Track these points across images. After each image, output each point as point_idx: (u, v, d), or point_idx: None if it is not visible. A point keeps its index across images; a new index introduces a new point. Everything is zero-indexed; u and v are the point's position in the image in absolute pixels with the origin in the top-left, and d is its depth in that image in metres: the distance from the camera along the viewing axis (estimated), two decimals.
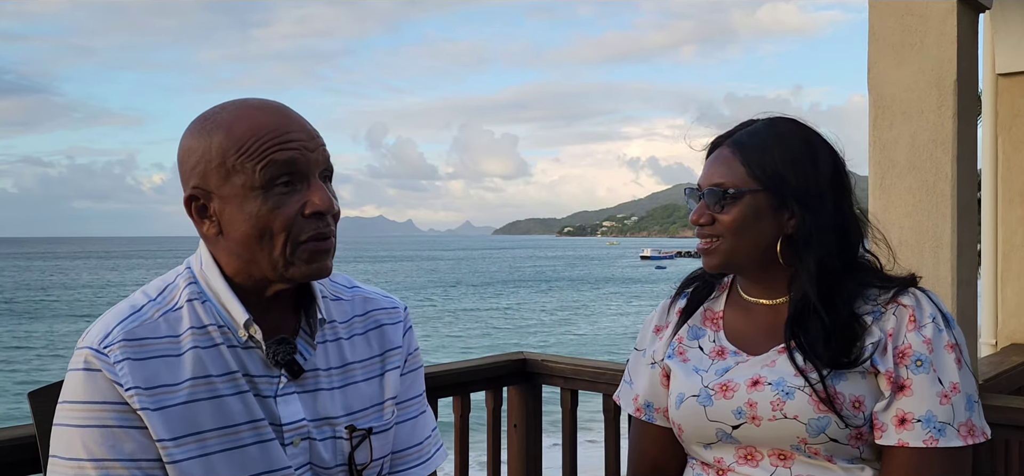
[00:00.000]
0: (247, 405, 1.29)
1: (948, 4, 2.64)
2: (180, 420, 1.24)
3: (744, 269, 1.61)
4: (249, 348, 1.31)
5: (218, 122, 1.29)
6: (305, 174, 1.28)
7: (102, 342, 1.24)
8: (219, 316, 1.31)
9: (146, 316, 1.28)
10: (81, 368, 1.24)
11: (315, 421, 1.34)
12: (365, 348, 1.45)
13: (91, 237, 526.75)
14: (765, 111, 1.62)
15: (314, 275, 1.31)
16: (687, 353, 1.64)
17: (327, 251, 1.31)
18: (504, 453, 3.10)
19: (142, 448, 1.22)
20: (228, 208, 1.28)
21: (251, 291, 1.32)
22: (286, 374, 1.33)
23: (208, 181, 1.28)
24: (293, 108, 1.34)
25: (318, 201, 1.28)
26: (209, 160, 1.28)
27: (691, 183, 1.62)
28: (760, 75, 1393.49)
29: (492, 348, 29.27)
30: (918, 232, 2.67)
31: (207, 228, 1.31)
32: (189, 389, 1.25)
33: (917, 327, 1.46)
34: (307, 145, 1.29)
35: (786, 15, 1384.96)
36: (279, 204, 1.26)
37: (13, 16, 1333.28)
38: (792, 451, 1.49)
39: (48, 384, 1.48)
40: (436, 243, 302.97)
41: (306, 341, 1.37)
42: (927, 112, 2.67)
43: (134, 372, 1.23)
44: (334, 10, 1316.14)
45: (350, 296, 1.48)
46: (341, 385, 1.39)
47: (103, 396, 1.22)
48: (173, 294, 1.32)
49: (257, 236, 1.26)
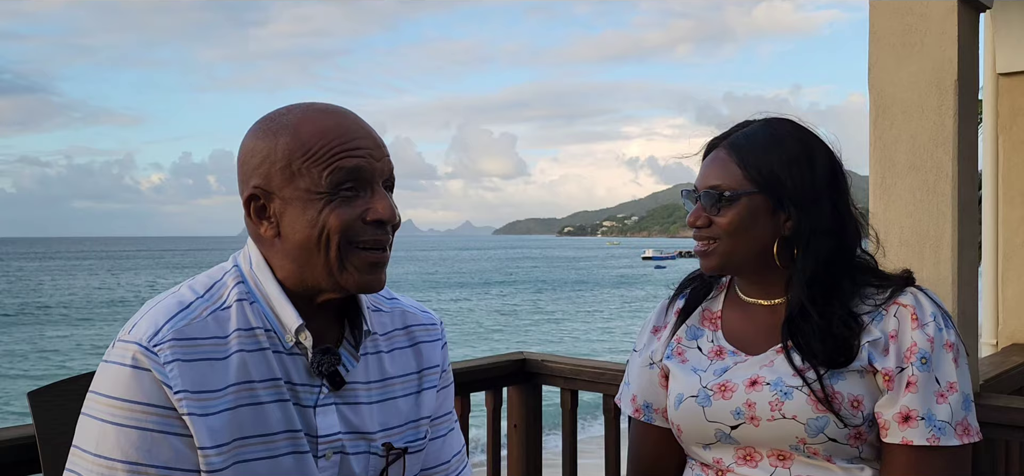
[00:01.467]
0: (286, 414, 1.25)
1: (948, 4, 2.64)
2: (223, 427, 1.20)
3: (741, 270, 1.61)
4: (294, 355, 1.28)
5: (284, 124, 1.28)
6: (369, 182, 1.27)
7: (152, 340, 1.19)
8: (267, 320, 1.27)
9: (195, 314, 1.24)
10: (128, 364, 1.19)
11: (350, 435, 1.31)
12: (404, 364, 1.43)
13: (90, 237, 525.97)
14: (762, 111, 1.62)
15: (367, 287, 1.28)
16: (685, 353, 1.64)
17: (382, 263, 1.29)
18: (504, 453, 3.10)
19: (178, 457, 1.18)
20: (289, 210, 1.25)
21: (301, 297, 1.29)
22: (327, 385, 1.30)
23: (271, 182, 1.26)
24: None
25: (381, 209, 1.26)
26: (273, 161, 1.26)
27: (691, 183, 1.62)
28: (759, 74, 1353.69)
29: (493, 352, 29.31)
30: (918, 232, 2.66)
31: (265, 229, 1.28)
32: (233, 395, 1.22)
33: (920, 325, 1.46)
34: (373, 153, 1.27)
35: (783, 14, 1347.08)
36: (341, 207, 1.24)
37: (11, 15, 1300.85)
38: (791, 451, 1.49)
39: (48, 384, 1.49)
40: (437, 243, 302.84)
41: (350, 352, 1.34)
42: (927, 112, 2.66)
43: (184, 375, 1.19)
44: (332, 9, 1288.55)
45: (390, 308, 1.46)
46: (380, 400, 1.37)
47: (147, 397, 1.18)
48: (222, 292, 1.29)
49: (316, 239, 1.24)
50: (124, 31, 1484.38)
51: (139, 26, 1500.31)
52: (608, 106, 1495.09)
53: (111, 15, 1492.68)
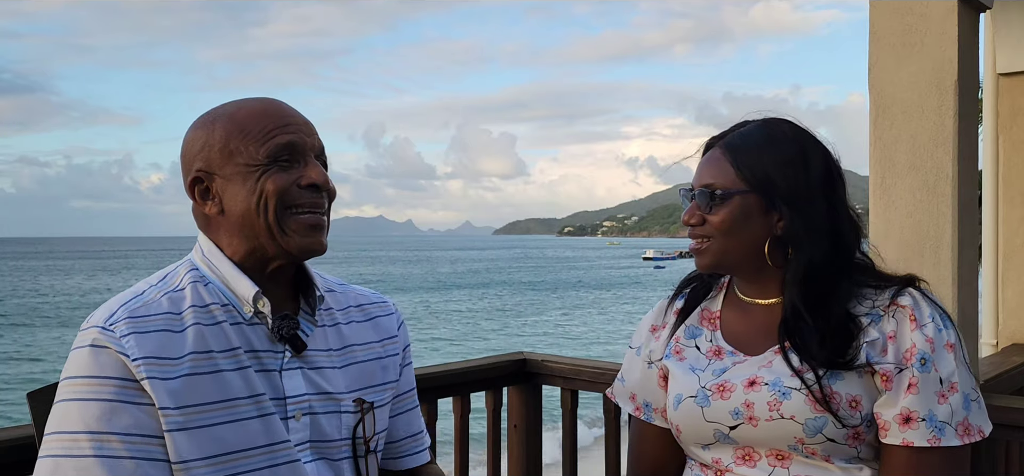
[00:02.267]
0: (247, 380, 1.32)
1: (948, 4, 2.64)
2: (183, 392, 1.27)
3: (736, 269, 1.61)
4: (254, 324, 1.36)
5: (219, 113, 1.39)
6: (303, 154, 1.37)
7: (107, 320, 1.28)
8: (222, 295, 1.36)
9: (148, 297, 1.33)
10: (86, 345, 1.27)
11: (318, 396, 1.39)
12: (364, 333, 1.52)
13: (89, 237, 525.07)
14: (760, 111, 1.63)
15: (308, 249, 1.37)
16: (684, 353, 1.64)
17: (321, 226, 1.38)
18: (504, 453, 3.10)
19: (138, 423, 1.24)
20: (230, 187, 1.35)
21: (252, 270, 1.37)
22: (290, 349, 1.37)
23: (211, 164, 1.36)
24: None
25: (314, 175, 1.36)
26: (212, 146, 1.36)
27: (689, 184, 1.63)
28: (758, 74, 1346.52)
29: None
30: (918, 232, 2.66)
31: (209, 208, 1.37)
32: (190, 363, 1.29)
33: (918, 326, 1.46)
34: (304, 130, 1.39)
35: (781, 14, 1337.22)
36: (277, 174, 1.34)
37: (9, 15, 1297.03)
38: (790, 451, 1.49)
39: (48, 384, 1.49)
40: (437, 244, 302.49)
41: (307, 319, 1.43)
42: (928, 112, 2.66)
43: (141, 344, 1.26)
44: (332, 9, 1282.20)
45: (342, 290, 1.56)
46: (342, 365, 1.45)
47: (105, 371, 1.25)
48: (174, 279, 1.38)
49: (255, 206, 1.33)
50: (123, 31, 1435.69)
51: (138, 26, 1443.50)
52: (608, 106, 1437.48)
53: (110, 15, 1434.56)
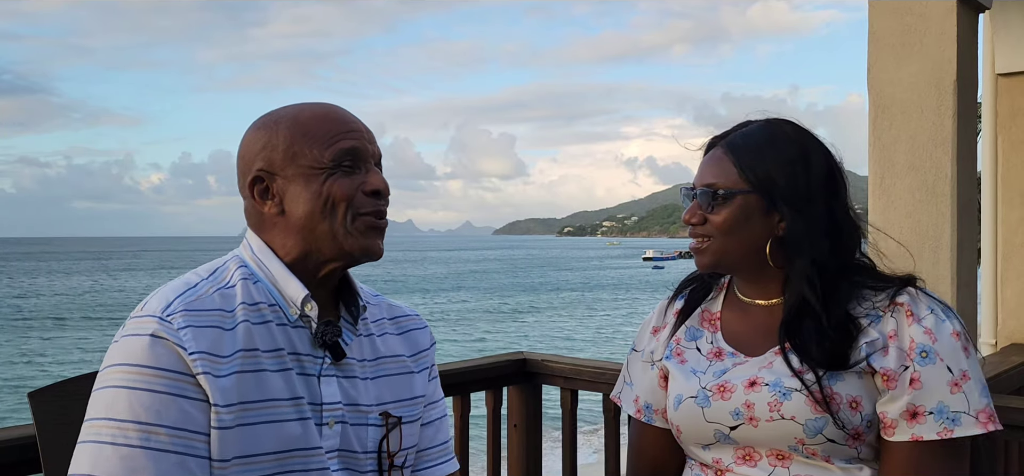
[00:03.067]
0: (289, 383, 1.33)
1: (948, 4, 2.64)
2: (232, 388, 1.28)
3: (736, 269, 1.61)
4: (298, 327, 1.37)
5: (283, 116, 1.41)
6: (365, 160, 1.40)
7: (165, 311, 1.28)
8: (271, 295, 1.37)
9: (201, 291, 1.33)
10: (145, 334, 1.26)
11: (349, 407, 1.40)
12: (396, 346, 1.53)
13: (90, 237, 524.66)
14: (762, 112, 1.63)
15: (369, 251, 1.39)
16: (685, 354, 1.64)
17: (381, 229, 1.41)
18: (504, 453, 3.10)
19: (187, 418, 1.24)
20: (292, 187, 1.37)
21: (304, 272, 1.39)
22: (330, 356, 1.38)
23: (273, 164, 1.38)
24: None
25: (377, 182, 1.39)
26: (275, 146, 1.38)
27: (690, 183, 1.63)
28: (757, 75, 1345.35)
29: None
30: (918, 232, 2.67)
31: (268, 208, 1.39)
32: (240, 360, 1.30)
33: (916, 320, 1.47)
34: (367, 137, 1.42)
35: (779, 14, 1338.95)
36: (342, 179, 1.36)
37: (10, 16, 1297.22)
38: (790, 452, 1.49)
39: (48, 384, 1.49)
40: (438, 243, 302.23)
41: (348, 328, 1.45)
42: (927, 112, 2.67)
43: (197, 338, 1.27)
44: (331, 9, 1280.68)
45: (376, 302, 1.57)
46: (374, 376, 1.46)
47: (161, 363, 1.24)
48: (225, 274, 1.38)
49: (321, 208, 1.35)
50: (123, 32, 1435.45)
51: (138, 27, 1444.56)
52: (607, 106, 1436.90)
53: (110, 15, 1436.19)
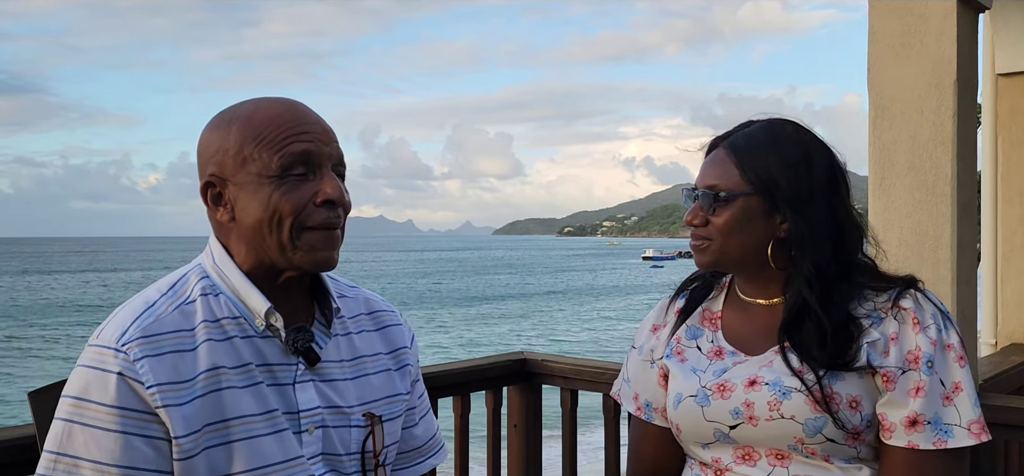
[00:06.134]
0: (259, 397, 1.29)
1: (948, 4, 2.64)
2: (195, 414, 1.23)
3: (737, 269, 1.61)
4: (267, 338, 1.33)
5: (236, 115, 1.34)
6: (319, 165, 1.32)
7: (120, 340, 1.23)
8: (234, 308, 1.32)
9: (160, 311, 1.28)
10: (97, 367, 1.22)
11: (329, 409, 1.36)
12: (374, 343, 1.49)
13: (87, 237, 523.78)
14: (764, 112, 1.63)
15: (319, 264, 1.33)
16: (685, 353, 1.64)
17: (333, 242, 1.34)
18: (504, 453, 3.10)
19: (144, 458, 1.21)
20: (242, 195, 1.31)
21: (264, 280, 1.34)
22: (303, 362, 1.35)
23: (225, 169, 1.32)
24: None
25: (330, 190, 1.31)
26: (226, 150, 1.32)
27: (689, 183, 1.63)
28: (754, 75, 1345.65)
29: None
30: (918, 232, 2.67)
31: (221, 215, 1.34)
32: (203, 382, 1.25)
33: (922, 329, 1.47)
34: (322, 138, 1.33)
35: (777, 14, 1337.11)
36: (292, 191, 1.30)
37: (5, 15, 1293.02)
38: (789, 451, 1.49)
39: (48, 384, 1.49)
40: (438, 244, 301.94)
41: (322, 331, 1.40)
42: (927, 112, 2.67)
43: (155, 369, 1.22)
44: (329, 9, 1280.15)
45: (353, 295, 1.52)
46: (354, 376, 1.42)
47: (116, 400, 1.20)
48: (185, 288, 1.33)
49: (267, 220, 1.29)
50: (119, 31, 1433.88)
51: (134, 26, 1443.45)
52: (605, 106, 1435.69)
53: (106, 15, 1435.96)
